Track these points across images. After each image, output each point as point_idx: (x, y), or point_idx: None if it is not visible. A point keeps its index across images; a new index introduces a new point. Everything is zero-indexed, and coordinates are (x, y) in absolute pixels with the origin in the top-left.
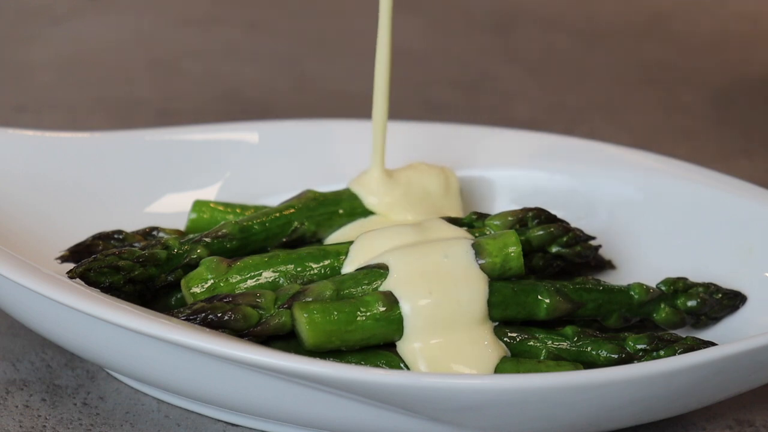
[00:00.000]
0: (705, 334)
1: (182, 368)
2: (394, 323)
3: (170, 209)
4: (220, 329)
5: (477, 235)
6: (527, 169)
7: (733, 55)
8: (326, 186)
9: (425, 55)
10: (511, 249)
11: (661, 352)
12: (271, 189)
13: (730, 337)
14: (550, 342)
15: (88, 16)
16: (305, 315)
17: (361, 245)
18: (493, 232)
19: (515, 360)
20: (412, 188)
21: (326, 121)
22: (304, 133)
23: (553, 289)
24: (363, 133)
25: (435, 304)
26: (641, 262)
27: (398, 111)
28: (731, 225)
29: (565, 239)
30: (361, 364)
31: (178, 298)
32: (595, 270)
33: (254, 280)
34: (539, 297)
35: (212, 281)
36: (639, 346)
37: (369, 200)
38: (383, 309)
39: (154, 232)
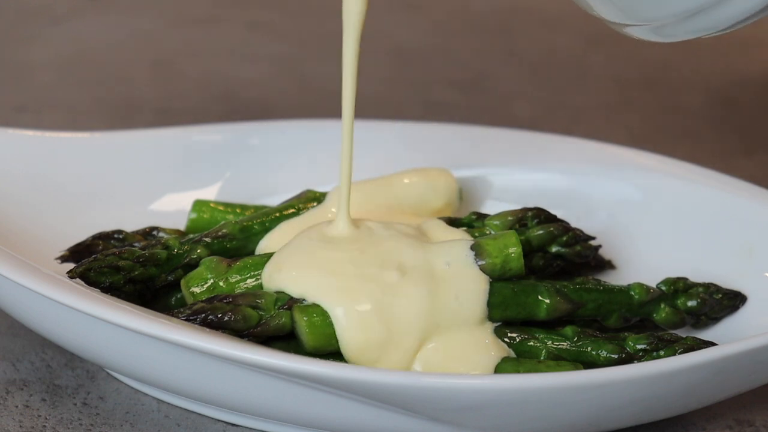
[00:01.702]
0: (705, 334)
1: (182, 368)
2: None
3: (170, 209)
4: (220, 330)
5: (477, 235)
6: (527, 169)
7: (733, 55)
8: (326, 186)
9: (425, 55)
10: (512, 249)
11: (661, 352)
12: (271, 189)
13: (730, 337)
14: (550, 342)
15: (88, 16)
16: (305, 318)
17: None
18: (493, 232)
19: (515, 360)
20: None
21: (326, 121)
22: (304, 133)
23: (553, 289)
24: (363, 133)
25: (435, 305)
26: (641, 262)
27: (398, 111)
28: (731, 225)
29: (564, 239)
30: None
31: (178, 298)
32: (595, 270)
33: (254, 279)
34: (539, 297)
35: (212, 281)
36: (639, 346)
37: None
38: None
39: (154, 232)
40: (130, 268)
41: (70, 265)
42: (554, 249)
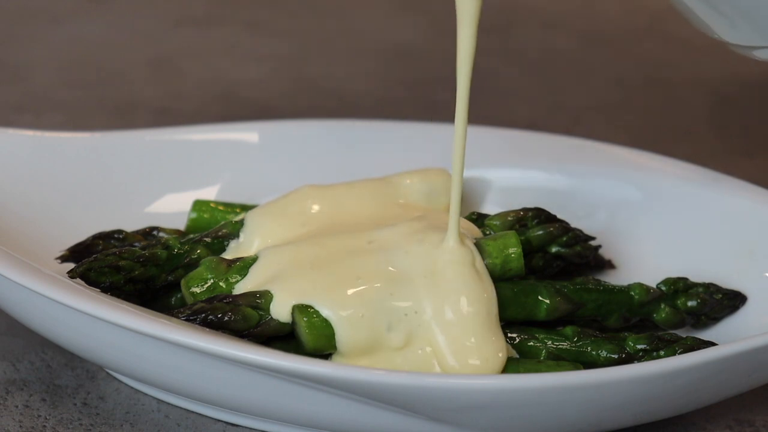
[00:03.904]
0: (705, 334)
1: (182, 368)
2: None
3: (170, 209)
4: (220, 330)
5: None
6: (527, 169)
7: (733, 55)
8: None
9: (425, 55)
10: (512, 250)
11: (661, 352)
12: (271, 189)
13: (730, 337)
14: (550, 342)
15: (88, 16)
16: (305, 318)
17: None
18: (492, 232)
19: (515, 360)
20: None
21: (326, 121)
22: (304, 133)
23: (553, 289)
24: (362, 133)
25: (435, 306)
26: (641, 262)
27: (398, 111)
28: (731, 225)
29: (564, 239)
30: None
31: (178, 298)
32: (595, 270)
33: None
34: (539, 298)
35: (212, 281)
36: (639, 346)
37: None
38: None
39: (154, 232)
40: (130, 268)
41: (70, 265)
42: (554, 249)
